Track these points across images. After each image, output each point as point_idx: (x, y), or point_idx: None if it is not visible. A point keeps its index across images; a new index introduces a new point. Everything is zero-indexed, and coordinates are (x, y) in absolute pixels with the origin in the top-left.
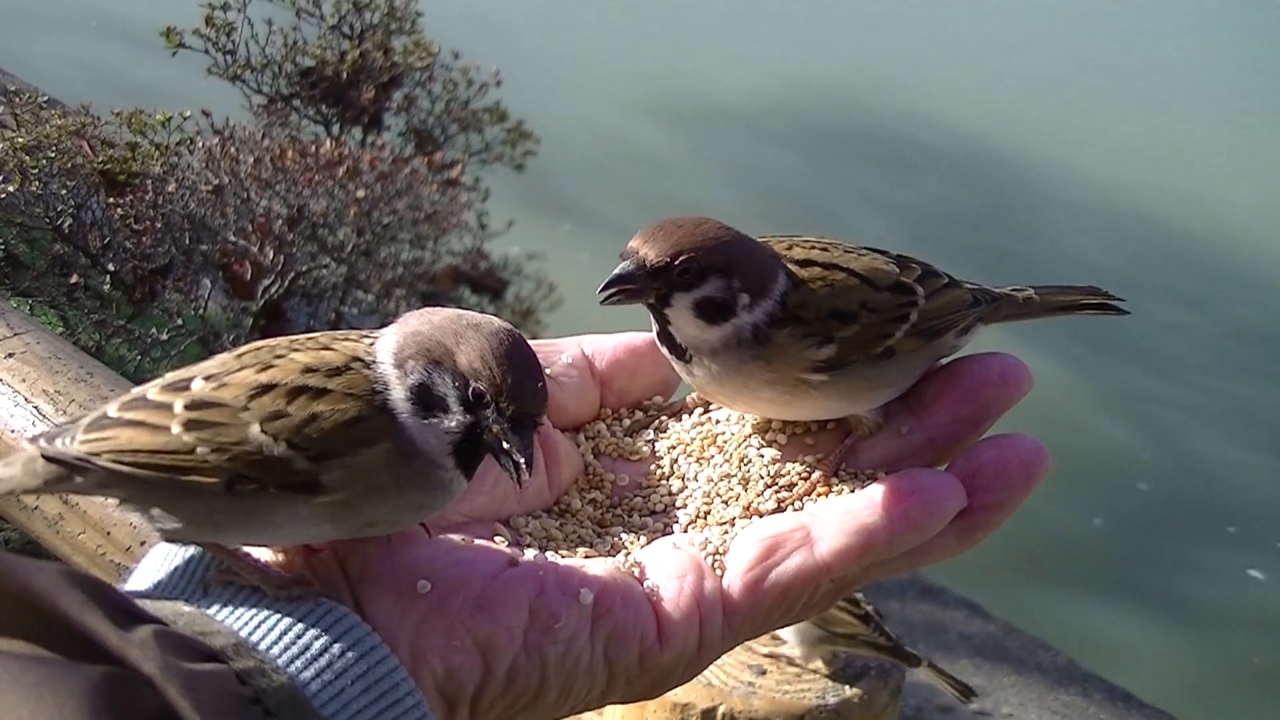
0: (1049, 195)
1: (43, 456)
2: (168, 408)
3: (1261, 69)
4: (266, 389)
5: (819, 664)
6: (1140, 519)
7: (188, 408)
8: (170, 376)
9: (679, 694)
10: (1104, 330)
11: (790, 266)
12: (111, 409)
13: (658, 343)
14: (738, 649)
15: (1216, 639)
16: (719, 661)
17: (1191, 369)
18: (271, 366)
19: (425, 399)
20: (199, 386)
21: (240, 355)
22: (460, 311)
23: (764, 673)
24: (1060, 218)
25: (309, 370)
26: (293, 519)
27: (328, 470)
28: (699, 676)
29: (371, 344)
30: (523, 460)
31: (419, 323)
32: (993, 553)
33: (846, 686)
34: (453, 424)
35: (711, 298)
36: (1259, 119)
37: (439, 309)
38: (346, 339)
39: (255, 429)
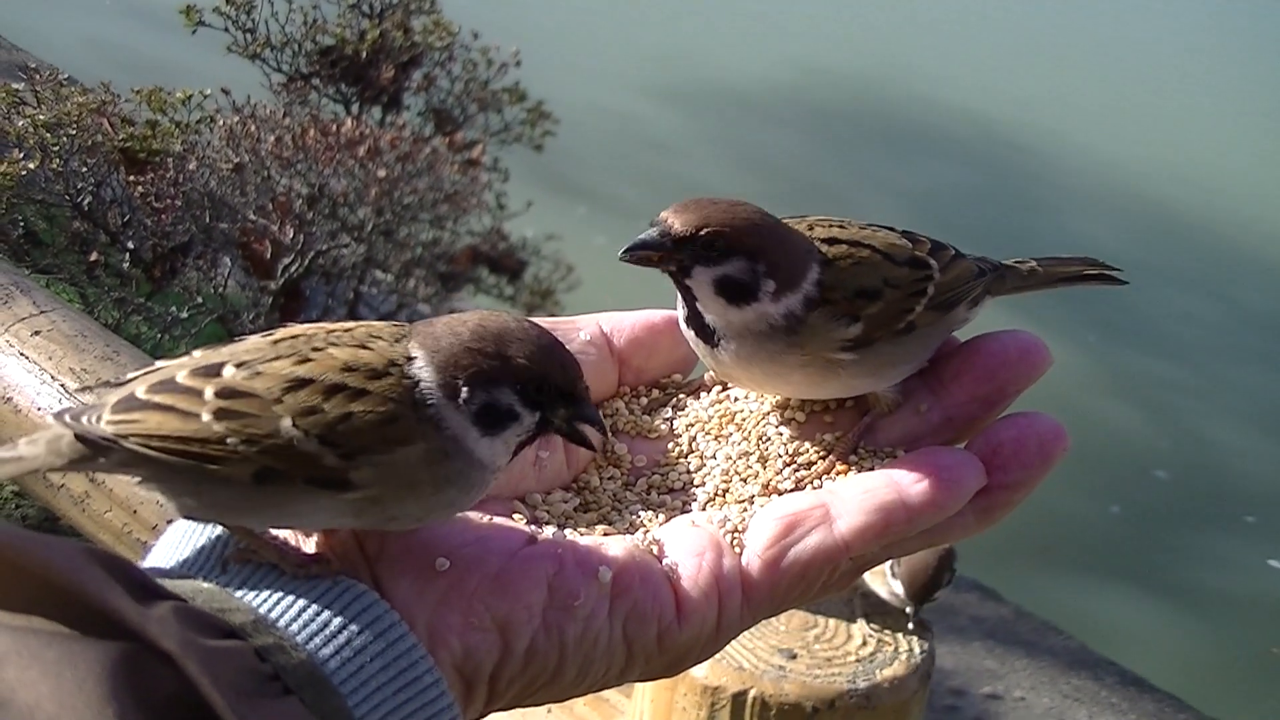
0: (1060, 179)
1: (73, 436)
2: (198, 394)
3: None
4: (303, 383)
5: (851, 647)
6: (1158, 507)
7: (218, 395)
8: (199, 358)
9: (709, 677)
10: (1120, 318)
11: (820, 247)
12: (139, 389)
13: (685, 326)
14: (769, 633)
15: (1233, 627)
16: (750, 645)
17: (1208, 356)
18: (309, 360)
19: (492, 419)
20: (230, 374)
21: (276, 343)
22: (476, 316)
23: (794, 656)
24: (1071, 201)
25: (348, 369)
26: (317, 510)
27: (358, 468)
28: (729, 660)
29: (410, 362)
30: (596, 426)
31: (451, 342)
32: (1006, 537)
33: (877, 671)
34: (524, 428)
35: (733, 277)
36: (1275, 103)
37: (452, 318)
38: (380, 338)
39: (287, 422)
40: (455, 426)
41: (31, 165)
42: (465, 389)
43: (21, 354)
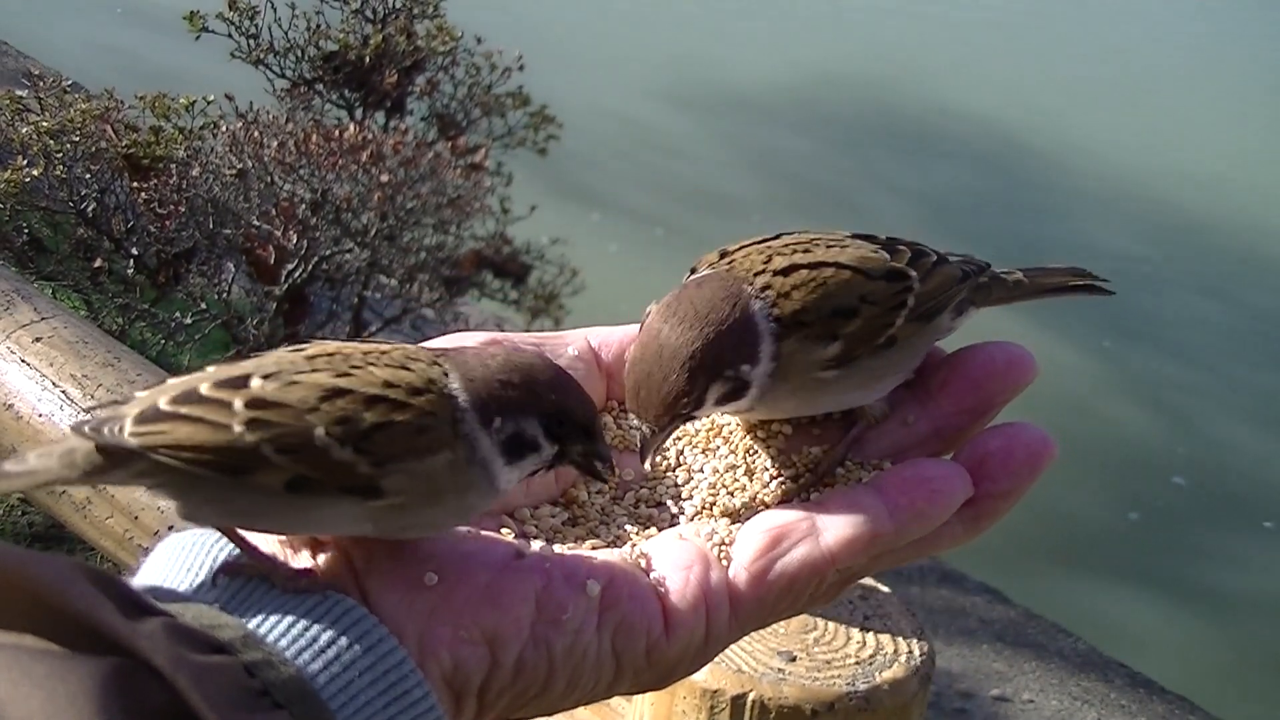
0: (1073, 183)
1: (94, 447)
2: (226, 405)
3: None
4: (341, 393)
5: (850, 650)
6: (1175, 513)
7: (248, 406)
8: (218, 373)
9: (708, 681)
10: (1135, 323)
11: (769, 283)
12: (162, 402)
13: None
14: (768, 635)
15: (1246, 630)
16: (749, 648)
17: (1226, 361)
18: (349, 375)
19: (516, 448)
20: (258, 385)
21: (312, 358)
22: (503, 351)
23: (794, 659)
24: (1082, 205)
25: (389, 385)
26: (338, 517)
27: (389, 475)
28: (728, 663)
29: (444, 374)
30: (606, 462)
31: (485, 373)
32: (1015, 540)
33: (877, 673)
34: (542, 458)
35: (727, 393)
36: None
37: (479, 350)
38: (418, 360)
39: (321, 431)
40: (484, 450)
41: (35, 172)
42: (498, 418)
43: (23, 360)
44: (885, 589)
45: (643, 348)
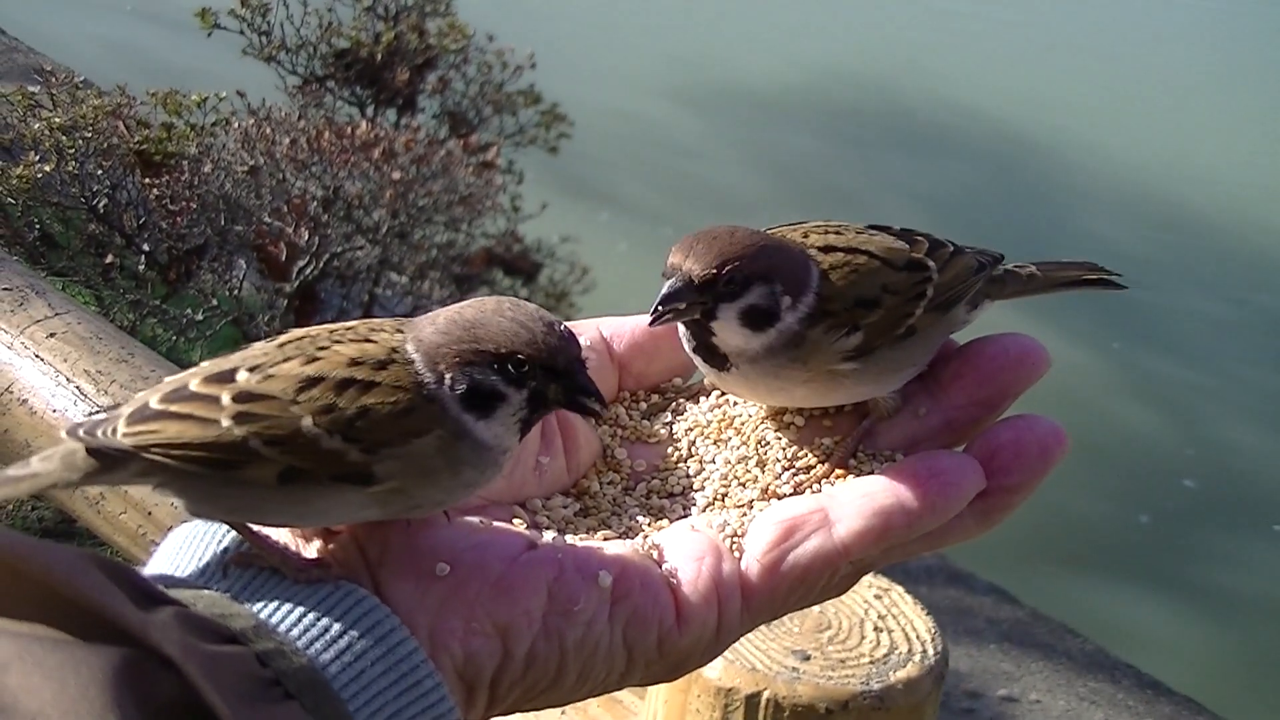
0: (1078, 182)
1: (86, 450)
2: (214, 400)
3: None
4: (314, 381)
5: (864, 649)
6: (1186, 516)
7: (235, 400)
8: (209, 367)
9: (723, 679)
10: (1144, 324)
11: (815, 256)
12: (153, 400)
13: (692, 355)
14: (783, 634)
15: (1255, 631)
16: (763, 647)
17: (1235, 363)
18: (316, 359)
19: (479, 401)
20: (244, 378)
21: (282, 345)
22: (459, 304)
23: (808, 658)
24: (1091, 205)
25: (355, 363)
26: (340, 505)
27: (381, 461)
28: (742, 661)
29: (404, 340)
30: (592, 396)
31: (431, 333)
32: (1023, 541)
33: (891, 673)
34: (516, 406)
35: (757, 305)
36: None
37: (439, 312)
38: (382, 330)
39: (308, 421)
40: (455, 411)
41: (47, 168)
42: (449, 374)
43: (37, 356)
44: (900, 588)
45: (714, 227)
